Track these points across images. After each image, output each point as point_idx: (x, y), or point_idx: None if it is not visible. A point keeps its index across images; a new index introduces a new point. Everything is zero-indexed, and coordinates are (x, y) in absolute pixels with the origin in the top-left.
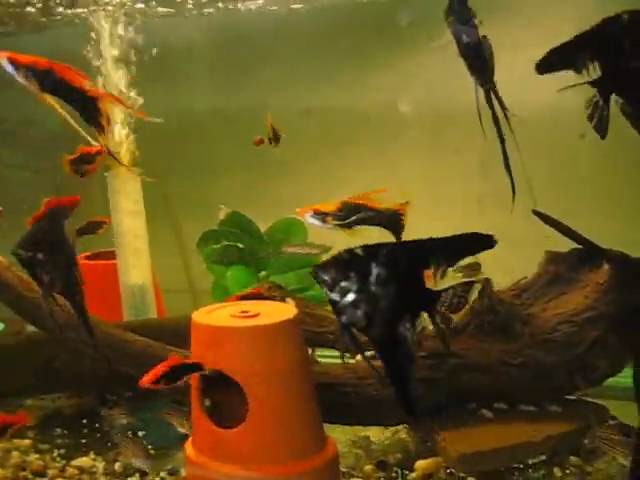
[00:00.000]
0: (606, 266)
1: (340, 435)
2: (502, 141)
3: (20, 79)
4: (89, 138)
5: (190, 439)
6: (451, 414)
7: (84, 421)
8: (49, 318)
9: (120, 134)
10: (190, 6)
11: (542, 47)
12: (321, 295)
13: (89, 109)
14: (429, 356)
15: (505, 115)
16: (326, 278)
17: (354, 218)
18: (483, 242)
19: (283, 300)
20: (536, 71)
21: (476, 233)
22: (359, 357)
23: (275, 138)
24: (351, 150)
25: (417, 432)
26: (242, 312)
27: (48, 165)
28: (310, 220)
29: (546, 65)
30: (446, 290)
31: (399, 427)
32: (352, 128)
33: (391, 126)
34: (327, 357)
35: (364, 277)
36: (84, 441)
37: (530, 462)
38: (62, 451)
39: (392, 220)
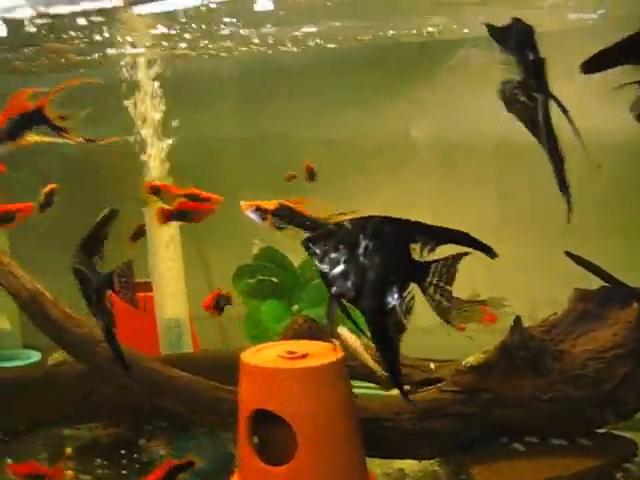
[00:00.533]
0: (635, 304)
1: (375, 467)
2: (560, 160)
3: None
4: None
5: (236, 474)
6: (484, 448)
7: (122, 452)
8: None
9: (160, 170)
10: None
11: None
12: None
13: (42, 120)
14: (462, 391)
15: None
16: (317, 250)
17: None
18: (479, 245)
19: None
20: (582, 70)
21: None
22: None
23: (310, 176)
24: (368, 179)
25: (450, 465)
26: (289, 352)
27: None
28: (250, 215)
29: (593, 64)
30: (434, 261)
31: (432, 460)
32: (370, 157)
33: (408, 155)
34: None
35: (353, 249)
36: (125, 472)
37: None
38: None
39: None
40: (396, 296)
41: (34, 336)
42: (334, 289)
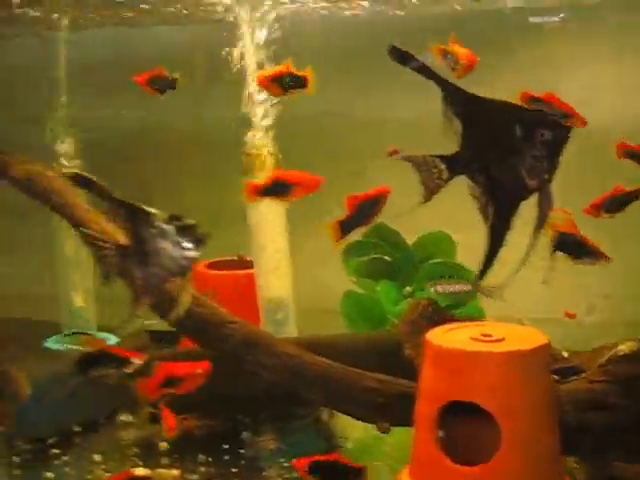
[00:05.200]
0: None
1: None
2: None
3: None
4: None
5: (408, 473)
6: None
7: (225, 446)
8: None
9: (262, 136)
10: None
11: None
12: (477, 311)
13: None
14: (618, 382)
15: None
16: None
17: None
18: None
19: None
20: None
21: None
22: None
23: None
24: None
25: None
26: (484, 335)
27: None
28: None
29: None
30: None
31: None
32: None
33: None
34: None
35: None
36: (235, 470)
37: None
38: None
39: None
40: None
41: (111, 317)
42: None
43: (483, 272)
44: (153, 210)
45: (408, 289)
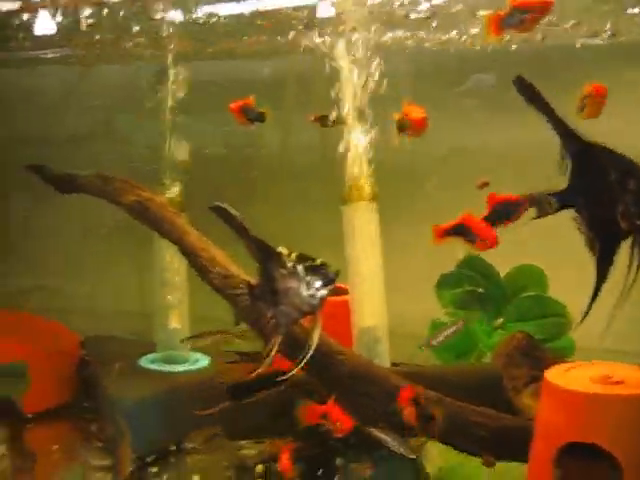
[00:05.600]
0: None
1: None
2: None
3: None
4: None
5: None
6: None
7: (320, 471)
8: None
9: (360, 166)
10: None
11: None
12: (570, 344)
13: None
14: None
15: None
16: None
17: None
18: None
19: None
20: None
21: None
22: None
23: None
24: None
25: None
26: (604, 376)
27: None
28: None
29: None
30: None
31: None
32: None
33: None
34: None
35: None
36: None
37: None
38: None
39: None
40: None
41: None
42: None
43: (590, 305)
44: (284, 250)
45: (500, 320)
